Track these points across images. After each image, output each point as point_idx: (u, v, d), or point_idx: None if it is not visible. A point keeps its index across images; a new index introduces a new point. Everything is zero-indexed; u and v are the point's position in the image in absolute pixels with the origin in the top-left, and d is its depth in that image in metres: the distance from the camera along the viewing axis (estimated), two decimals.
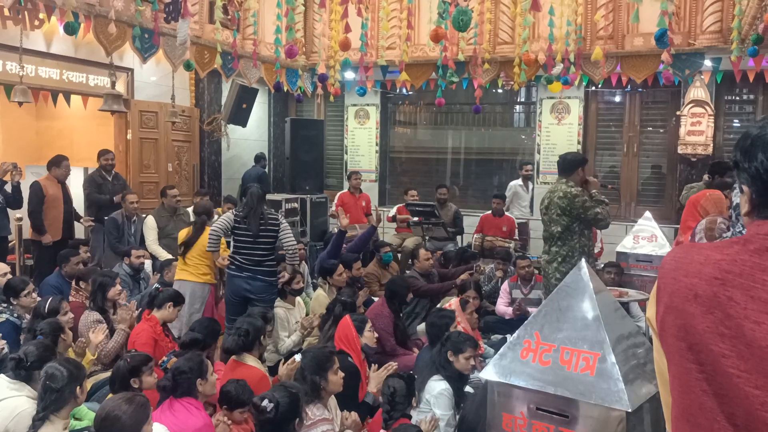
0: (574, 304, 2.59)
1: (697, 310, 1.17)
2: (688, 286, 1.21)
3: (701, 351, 1.16)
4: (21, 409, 3.02)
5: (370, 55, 8.70)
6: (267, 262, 5.16)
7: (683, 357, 1.21)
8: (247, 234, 5.08)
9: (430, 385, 3.64)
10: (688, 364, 1.19)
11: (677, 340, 1.22)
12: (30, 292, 4.54)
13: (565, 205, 4.56)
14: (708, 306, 1.16)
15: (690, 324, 1.19)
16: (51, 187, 6.60)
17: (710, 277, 1.18)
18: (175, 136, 8.93)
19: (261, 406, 2.80)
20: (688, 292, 1.20)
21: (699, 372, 1.17)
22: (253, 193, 5.18)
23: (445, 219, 7.94)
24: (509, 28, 8.65)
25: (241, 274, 5.11)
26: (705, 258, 1.22)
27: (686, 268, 1.24)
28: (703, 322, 1.16)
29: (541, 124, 9.51)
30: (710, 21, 7.73)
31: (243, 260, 5.11)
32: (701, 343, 1.16)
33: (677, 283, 1.24)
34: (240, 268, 5.13)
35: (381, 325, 4.97)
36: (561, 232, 4.63)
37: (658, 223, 6.98)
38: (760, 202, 1.23)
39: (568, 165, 4.78)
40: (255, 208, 5.11)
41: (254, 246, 5.10)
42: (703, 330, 1.16)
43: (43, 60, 7.26)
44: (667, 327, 1.25)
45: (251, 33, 8.88)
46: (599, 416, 2.37)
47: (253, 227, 5.06)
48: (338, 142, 11.02)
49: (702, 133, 8.19)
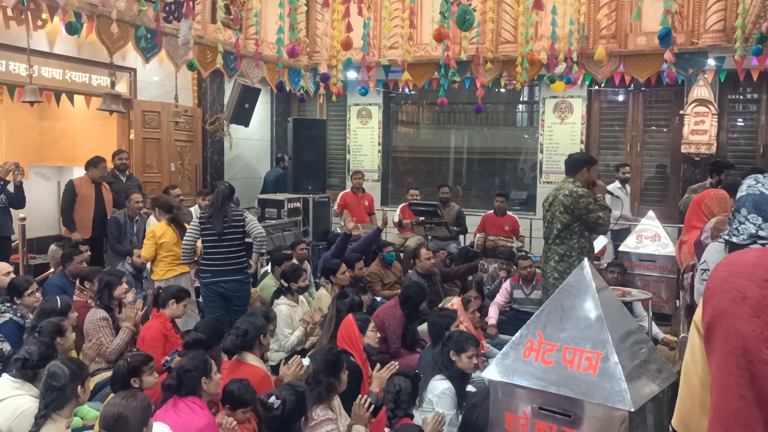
0: (577, 304, 2.58)
1: (744, 312, 1.14)
2: (737, 287, 1.17)
3: (743, 355, 1.13)
4: (24, 408, 3.03)
5: (373, 55, 8.69)
6: (236, 259, 5.24)
7: (726, 360, 1.17)
8: (213, 234, 5.17)
9: (432, 385, 3.64)
10: (730, 368, 1.16)
11: (722, 342, 1.18)
12: (33, 291, 4.55)
13: (569, 203, 4.56)
14: (755, 309, 1.12)
15: (735, 326, 1.15)
16: (84, 186, 6.79)
17: (761, 279, 1.14)
18: (178, 136, 8.94)
19: (268, 403, 2.81)
20: (737, 293, 1.17)
21: (739, 377, 1.13)
22: (219, 192, 5.27)
23: (448, 218, 7.94)
24: (512, 28, 8.64)
25: (213, 276, 5.20)
26: (758, 259, 1.19)
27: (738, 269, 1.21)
28: (749, 326, 1.12)
29: (544, 123, 9.50)
30: (714, 20, 7.71)
31: (213, 260, 5.20)
32: (745, 347, 1.13)
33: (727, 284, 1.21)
34: (211, 268, 5.21)
35: (391, 326, 4.95)
36: (561, 230, 4.63)
37: (662, 223, 6.96)
38: None
39: (574, 163, 4.79)
40: (219, 208, 5.19)
41: (220, 244, 5.18)
42: (748, 334, 1.12)
43: (46, 60, 7.27)
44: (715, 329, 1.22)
45: (254, 33, 8.88)
46: (602, 416, 2.37)
47: (217, 226, 5.14)
48: (341, 142, 11.02)
49: (705, 132, 8.17)
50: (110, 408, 2.66)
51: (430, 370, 3.71)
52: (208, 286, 5.22)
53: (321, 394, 3.26)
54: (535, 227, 8.80)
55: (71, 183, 6.82)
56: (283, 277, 5.35)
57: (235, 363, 3.77)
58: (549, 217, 4.75)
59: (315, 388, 3.27)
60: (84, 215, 6.75)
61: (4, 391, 3.14)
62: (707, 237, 4.33)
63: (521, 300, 6.21)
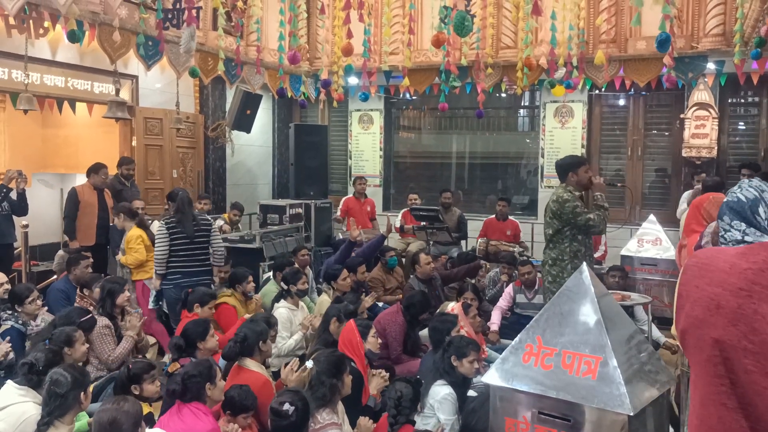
0: (576, 308, 2.59)
1: (720, 321, 1.13)
2: (710, 295, 1.17)
3: (722, 364, 1.12)
4: (28, 415, 3.04)
5: (374, 61, 8.72)
6: (205, 261, 5.55)
7: (704, 369, 1.17)
8: (183, 237, 5.41)
9: (433, 390, 3.64)
10: (709, 377, 1.15)
11: (697, 351, 1.19)
12: (35, 299, 4.56)
13: (556, 209, 4.67)
14: (731, 318, 1.11)
15: (710, 336, 1.15)
16: (87, 193, 6.83)
17: (735, 287, 1.14)
18: (180, 142, 8.98)
19: (282, 410, 2.81)
20: (710, 302, 1.16)
21: (720, 385, 1.13)
22: (182, 198, 5.54)
23: (449, 223, 7.94)
24: (512, 33, 8.67)
25: (184, 276, 5.39)
26: (730, 266, 1.18)
27: (710, 276, 1.20)
28: (726, 335, 1.12)
29: (545, 127, 9.51)
30: (713, 24, 7.73)
31: (184, 261, 5.42)
32: (723, 356, 1.12)
33: (700, 291, 1.20)
34: (182, 269, 5.39)
35: (392, 332, 4.95)
36: (552, 235, 4.76)
37: (663, 227, 6.98)
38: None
39: (560, 170, 4.92)
40: (186, 212, 5.46)
41: (191, 247, 5.45)
42: (726, 343, 1.12)
43: (48, 68, 7.31)
44: (689, 338, 1.22)
45: (255, 40, 8.92)
46: (601, 420, 2.37)
47: (188, 229, 5.41)
48: (342, 148, 11.04)
49: (706, 135, 8.18)
50: (103, 413, 2.67)
51: (431, 376, 3.72)
52: (177, 288, 5.36)
53: (325, 396, 3.24)
54: (536, 232, 8.79)
55: (74, 190, 6.85)
56: (284, 280, 5.37)
57: (236, 369, 3.77)
58: (544, 223, 4.90)
59: (319, 389, 3.26)
60: (88, 222, 6.78)
61: (9, 397, 3.15)
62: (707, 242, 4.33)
63: (523, 305, 6.21)
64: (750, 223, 1.48)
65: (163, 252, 5.40)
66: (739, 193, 1.55)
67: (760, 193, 1.54)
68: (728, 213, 1.54)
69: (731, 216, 1.53)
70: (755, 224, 1.49)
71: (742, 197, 1.54)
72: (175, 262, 5.40)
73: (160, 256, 5.41)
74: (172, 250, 5.41)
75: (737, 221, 1.50)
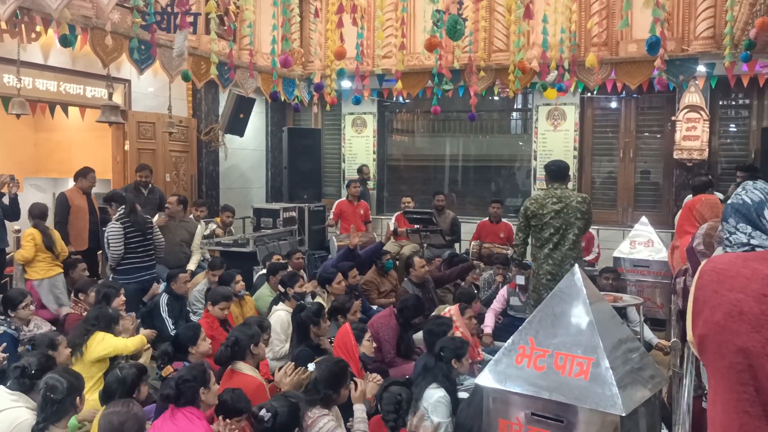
0: (568, 310, 2.60)
1: (743, 328, 1.12)
2: (732, 301, 1.15)
3: (746, 371, 1.11)
4: (21, 420, 3.04)
5: (366, 64, 8.75)
6: (151, 255, 5.91)
7: (725, 376, 1.15)
8: (138, 231, 5.73)
9: (428, 393, 3.64)
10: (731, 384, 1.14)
11: (719, 357, 1.17)
12: (28, 304, 4.55)
13: (585, 209, 4.93)
14: (754, 324, 1.10)
15: (733, 342, 1.13)
16: (76, 198, 6.81)
17: (758, 293, 1.12)
18: (173, 146, 8.96)
19: (259, 415, 2.81)
20: (732, 308, 1.14)
21: (743, 393, 1.11)
22: (128, 198, 5.91)
23: (443, 226, 7.96)
24: (504, 36, 8.71)
25: (138, 271, 5.68)
26: (752, 272, 1.16)
27: (730, 282, 1.18)
28: (749, 341, 1.10)
29: (537, 130, 9.55)
30: (703, 27, 7.79)
31: (139, 255, 5.73)
32: (747, 362, 1.11)
33: (719, 297, 1.18)
34: (137, 264, 5.70)
35: (385, 336, 4.96)
36: (577, 234, 4.98)
37: (655, 228, 7.00)
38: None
39: (565, 170, 5.13)
40: (133, 209, 5.76)
41: (144, 240, 5.78)
42: (749, 350, 1.10)
43: (40, 72, 7.29)
44: (708, 343, 1.20)
45: (248, 43, 8.93)
46: (594, 421, 2.38)
47: (141, 225, 5.75)
48: (336, 151, 11.06)
49: (697, 138, 8.23)
50: (113, 416, 2.69)
51: (423, 379, 3.72)
52: (132, 282, 5.58)
53: (316, 402, 3.24)
54: None
55: (63, 195, 6.82)
56: (281, 283, 5.38)
57: (230, 372, 3.77)
58: (559, 224, 4.98)
59: (312, 395, 3.25)
60: (80, 227, 6.76)
61: (2, 403, 3.14)
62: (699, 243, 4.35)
63: (517, 307, 6.22)
64: (756, 226, 1.46)
65: (118, 250, 5.62)
66: (745, 196, 1.53)
67: (765, 195, 1.52)
68: (733, 215, 1.52)
69: (737, 218, 1.50)
70: (761, 227, 1.47)
71: (748, 199, 1.52)
72: (132, 257, 5.69)
73: (116, 254, 5.63)
74: (129, 247, 5.67)
75: (743, 224, 1.47)
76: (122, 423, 2.64)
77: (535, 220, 5.12)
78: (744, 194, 1.53)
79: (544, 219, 5.05)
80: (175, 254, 6.59)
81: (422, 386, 3.66)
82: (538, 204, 5.12)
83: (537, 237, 5.17)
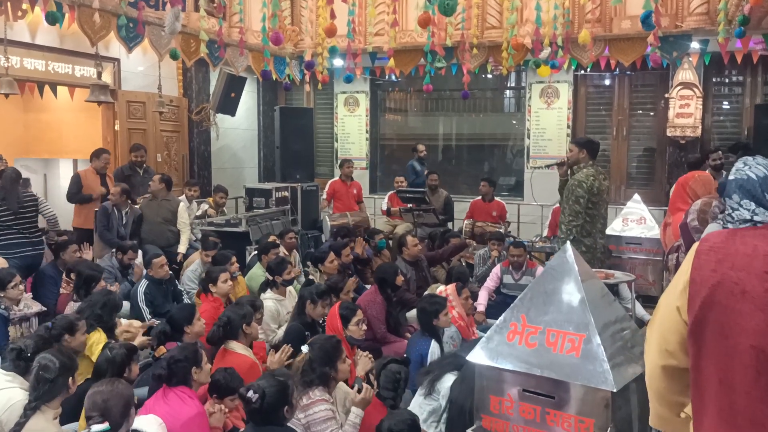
0: (560, 287, 2.60)
1: (746, 307, 1.11)
2: (734, 280, 1.14)
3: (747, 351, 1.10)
4: (15, 401, 3.03)
5: (358, 42, 8.65)
6: (34, 232, 5.96)
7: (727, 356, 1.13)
8: (8, 213, 5.76)
9: (447, 377, 3.64)
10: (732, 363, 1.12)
11: (721, 338, 1.15)
12: (17, 284, 4.52)
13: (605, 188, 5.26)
14: (759, 303, 1.09)
15: (736, 322, 1.12)
16: (90, 178, 6.96)
17: (761, 271, 1.11)
18: (164, 126, 8.89)
19: (246, 396, 2.81)
20: (734, 287, 1.13)
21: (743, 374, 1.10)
22: (7, 176, 5.85)
23: (436, 205, 7.95)
24: (497, 13, 8.64)
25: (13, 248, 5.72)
26: (753, 249, 1.15)
27: (731, 260, 1.16)
28: (752, 321, 1.09)
29: (530, 108, 9.51)
30: (697, 2, 7.74)
31: (10, 234, 5.78)
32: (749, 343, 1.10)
33: (719, 275, 1.17)
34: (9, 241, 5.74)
35: (373, 312, 4.97)
36: None
37: (647, 206, 7.02)
38: None
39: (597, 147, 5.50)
40: (10, 190, 5.76)
41: (16, 221, 5.80)
42: (753, 329, 1.09)
43: (28, 51, 7.19)
44: (708, 323, 1.18)
45: (238, 21, 8.81)
46: (585, 397, 2.40)
47: (12, 205, 5.75)
48: (328, 130, 11.00)
49: (691, 115, 8.22)
50: (97, 395, 2.69)
51: (442, 365, 3.71)
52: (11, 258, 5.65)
53: (313, 382, 3.24)
54: (523, 212, 8.83)
55: (77, 175, 7.01)
56: (269, 270, 5.35)
57: (223, 352, 3.78)
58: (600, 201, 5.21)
59: (308, 375, 3.26)
60: (90, 206, 6.83)
61: None
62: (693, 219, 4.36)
63: (510, 285, 6.22)
64: (759, 203, 1.44)
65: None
66: (749, 171, 1.50)
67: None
68: (738, 191, 1.48)
69: (741, 194, 1.47)
70: (765, 203, 1.44)
71: (753, 175, 1.48)
72: (8, 233, 5.78)
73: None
74: (3, 224, 5.76)
75: (747, 200, 1.45)
76: (106, 401, 2.65)
77: (596, 197, 5.14)
78: (747, 170, 1.49)
79: (602, 195, 5.21)
80: (161, 233, 6.64)
81: (442, 369, 3.63)
82: (598, 181, 5.18)
83: (591, 214, 5.16)
